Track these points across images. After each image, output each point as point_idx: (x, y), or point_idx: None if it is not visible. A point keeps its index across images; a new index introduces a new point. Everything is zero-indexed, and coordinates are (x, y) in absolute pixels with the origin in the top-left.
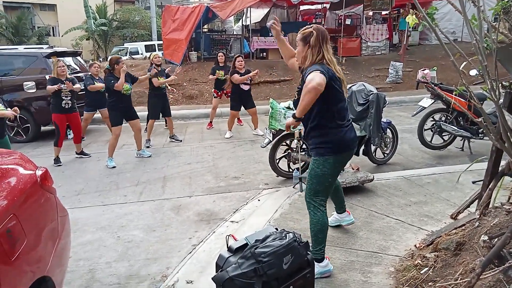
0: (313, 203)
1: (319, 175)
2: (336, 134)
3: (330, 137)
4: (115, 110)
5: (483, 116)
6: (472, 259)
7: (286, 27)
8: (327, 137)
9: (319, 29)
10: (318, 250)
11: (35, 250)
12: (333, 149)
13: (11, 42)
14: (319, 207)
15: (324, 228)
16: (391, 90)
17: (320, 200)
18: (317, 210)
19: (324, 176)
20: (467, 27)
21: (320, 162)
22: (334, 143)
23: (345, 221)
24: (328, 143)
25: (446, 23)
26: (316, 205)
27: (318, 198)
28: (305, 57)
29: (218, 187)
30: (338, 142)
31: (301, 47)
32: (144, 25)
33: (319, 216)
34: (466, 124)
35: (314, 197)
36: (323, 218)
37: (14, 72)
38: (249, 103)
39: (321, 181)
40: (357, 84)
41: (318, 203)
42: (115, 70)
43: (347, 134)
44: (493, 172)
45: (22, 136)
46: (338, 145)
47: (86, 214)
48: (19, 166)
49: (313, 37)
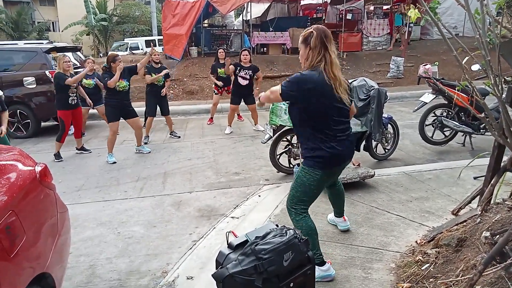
0: (293, 211)
1: (305, 184)
2: (326, 149)
3: (319, 152)
4: (111, 107)
5: (485, 111)
6: (473, 256)
7: (286, 22)
8: (315, 152)
9: (319, 29)
10: (313, 254)
11: (34, 247)
12: (323, 163)
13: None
14: (300, 214)
15: (311, 232)
16: (392, 85)
17: (302, 208)
18: (298, 217)
19: (310, 187)
20: (470, 21)
21: (308, 172)
22: (324, 158)
23: (340, 226)
24: (317, 157)
25: (448, 18)
26: (297, 212)
27: (299, 206)
28: (305, 58)
29: (218, 182)
30: (327, 157)
31: (303, 50)
32: (145, 20)
33: (302, 223)
34: (467, 120)
35: (296, 205)
36: (306, 223)
37: (14, 67)
38: (249, 98)
39: (306, 191)
40: (358, 79)
41: (300, 210)
42: (112, 68)
43: (337, 148)
44: (495, 168)
45: (22, 132)
46: (327, 160)
47: (87, 210)
48: (18, 162)
49: (313, 38)
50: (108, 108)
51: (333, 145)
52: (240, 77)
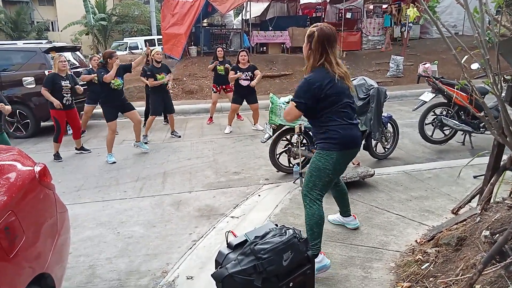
0: (309, 196)
1: (321, 168)
2: (341, 131)
3: (335, 133)
4: (107, 106)
5: (485, 110)
6: (473, 255)
7: (286, 21)
8: (331, 134)
9: (322, 31)
10: (314, 245)
11: (34, 247)
12: (339, 145)
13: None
14: (315, 200)
15: (320, 222)
16: (391, 84)
17: (317, 194)
18: (313, 203)
19: (325, 171)
20: (469, 20)
21: (323, 156)
22: (340, 139)
23: (350, 225)
24: (333, 139)
25: (447, 17)
26: (313, 198)
27: (315, 192)
28: (307, 57)
29: (218, 182)
30: (343, 139)
31: (305, 44)
32: (144, 19)
33: (314, 209)
34: (467, 118)
35: (312, 191)
36: (319, 211)
37: (13, 67)
38: (251, 98)
39: (321, 175)
40: (357, 78)
41: (315, 197)
42: (108, 64)
43: (352, 132)
44: (495, 167)
45: (22, 132)
46: (343, 141)
47: (86, 210)
48: (17, 162)
49: (314, 40)
50: (104, 108)
51: (347, 127)
52: (241, 80)
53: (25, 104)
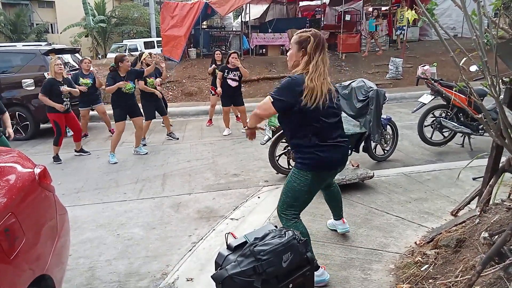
0: (284, 216)
1: (296, 189)
2: (315, 153)
3: (308, 155)
4: (117, 108)
5: (483, 112)
6: (472, 256)
7: (285, 23)
8: (305, 155)
9: (317, 36)
10: None
11: (34, 249)
12: (311, 167)
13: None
14: (291, 219)
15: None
16: (391, 86)
17: (293, 214)
18: (289, 222)
19: (300, 192)
20: (467, 22)
21: (298, 176)
22: (313, 161)
23: (339, 229)
24: (306, 159)
25: (446, 19)
26: (288, 218)
27: (290, 212)
28: (297, 63)
29: (217, 184)
30: (317, 161)
31: (295, 50)
32: (143, 21)
33: (293, 228)
34: (466, 120)
35: (286, 211)
36: (297, 228)
37: (13, 69)
38: (238, 100)
39: (297, 196)
40: (356, 80)
41: (291, 216)
42: (119, 68)
43: (328, 154)
44: (494, 169)
45: (21, 134)
46: (317, 164)
47: (86, 211)
48: (17, 164)
49: (310, 44)
50: (114, 110)
51: (325, 149)
52: (229, 79)
53: (25, 106)
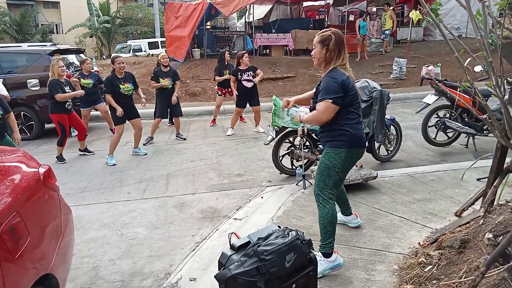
0: (322, 196)
1: (329, 167)
2: (352, 130)
3: (346, 131)
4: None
5: (487, 112)
6: (476, 257)
7: (289, 23)
8: (342, 131)
9: (338, 34)
10: (327, 244)
11: (38, 248)
12: (348, 143)
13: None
14: (328, 199)
15: (333, 221)
16: (395, 87)
17: (329, 193)
18: (326, 202)
19: (334, 169)
20: (471, 22)
21: (332, 155)
22: (350, 137)
23: (352, 223)
24: (344, 135)
25: (451, 19)
26: (325, 197)
27: (326, 191)
28: (321, 60)
29: (221, 184)
30: (353, 137)
31: (319, 49)
32: (147, 22)
33: (328, 209)
34: (470, 121)
35: (323, 190)
36: (332, 210)
37: (18, 69)
38: (254, 100)
39: (331, 173)
40: (360, 80)
41: (327, 196)
42: (115, 70)
43: (361, 132)
44: (498, 169)
45: (26, 134)
46: (353, 140)
47: (90, 211)
48: (22, 163)
49: (332, 42)
50: (112, 111)
51: (357, 127)
52: (244, 81)
53: (30, 106)
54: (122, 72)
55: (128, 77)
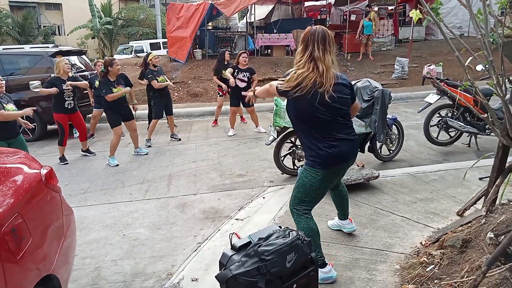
0: (295, 211)
1: (307, 185)
2: (323, 149)
3: (317, 151)
4: (112, 112)
5: (488, 111)
6: (478, 257)
7: (290, 23)
8: (314, 151)
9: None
10: None
11: (40, 249)
12: (322, 164)
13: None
14: (302, 215)
15: (311, 234)
16: (397, 86)
17: (304, 209)
18: (300, 217)
19: (311, 188)
20: (472, 21)
21: (310, 173)
22: (322, 158)
23: (346, 228)
24: (316, 157)
25: (453, 18)
26: (299, 213)
27: (301, 207)
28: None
29: (223, 184)
30: (328, 156)
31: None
32: (149, 23)
33: (302, 224)
34: (472, 120)
35: (298, 206)
36: (307, 225)
37: (20, 71)
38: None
39: (308, 192)
40: (362, 80)
41: (302, 211)
42: (109, 72)
43: (337, 149)
44: (500, 169)
45: (28, 135)
46: (328, 160)
47: (92, 212)
48: (24, 165)
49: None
50: (109, 114)
51: (331, 144)
52: (238, 80)
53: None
54: (116, 75)
55: (120, 80)
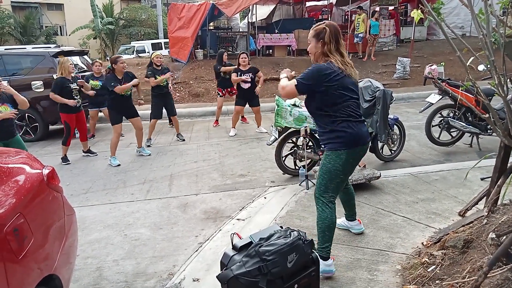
0: (322, 199)
1: (331, 170)
2: (348, 130)
3: (341, 133)
4: (114, 109)
5: (490, 111)
6: (480, 257)
7: (292, 23)
8: (338, 132)
9: (332, 25)
10: (324, 248)
11: (42, 249)
12: (347, 143)
13: (20, 42)
14: (328, 203)
15: (332, 226)
16: (398, 86)
17: (330, 197)
18: (326, 206)
19: (335, 172)
20: (474, 21)
21: (332, 158)
22: (347, 137)
23: (354, 229)
24: (340, 137)
25: (454, 18)
26: (326, 201)
27: (327, 195)
28: (318, 54)
29: (224, 185)
30: (350, 136)
31: (314, 43)
32: (151, 23)
33: (327, 213)
34: (474, 120)
35: (324, 194)
36: (331, 215)
37: (22, 71)
38: (253, 101)
39: (332, 177)
40: (363, 80)
41: (328, 199)
42: (115, 69)
43: (359, 128)
44: (502, 169)
45: (30, 135)
46: (351, 139)
47: (94, 212)
48: (25, 165)
49: (327, 34)
50: (110, 112)
51: (354, 125)
52: (242, 82)
53: (34, 107)
54: (122, 72)
55: (127, 78)
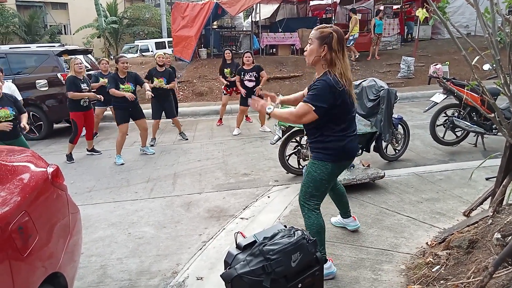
0: (307, 206)
1: (317, 179)
2: (338, 142)
3: (331, 144)
4: (119, 109)
5: (496, 111)
6: (485, 258)
7: (295, 23)
8: (327, 144)
9: (339, 32)
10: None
11: (46, 247)
12: (333, 157)
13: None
14: (313, 210)
15: (320, 230)
16: (402, 86)
17: (315, 204)
18: (311, 213)
19: (321, 181)
20: (479, 20)
21: (319, 167)
22: (335, 151)
23: (350, 226)
24: (328, 149)
25: (459, 17)
26: (311, 208)
27: (312, 202)
28: (317, 59)
29: (228, 183)
30: (339, 150)
31: (316, 46)
32: (154, 22)
33: (313, 219)
34: (479, 120)
35: (308, 201)
36: (317, 220)
37: (27, 70)
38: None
39: (318, 185)
40: (367, 79)
41: (313, 206)
42: (118, 69)
43: (349, 144)
44: (507, 169)
45: (35, 134)
46: (338, 153)
47: (98, 210)
48: (30, 163)
49: (334, 41)
50: (116, 111)
51: (345, 139)
52: (246, 81)
53: (38, 106)
54: (125, 72)
55: (131, 77)
